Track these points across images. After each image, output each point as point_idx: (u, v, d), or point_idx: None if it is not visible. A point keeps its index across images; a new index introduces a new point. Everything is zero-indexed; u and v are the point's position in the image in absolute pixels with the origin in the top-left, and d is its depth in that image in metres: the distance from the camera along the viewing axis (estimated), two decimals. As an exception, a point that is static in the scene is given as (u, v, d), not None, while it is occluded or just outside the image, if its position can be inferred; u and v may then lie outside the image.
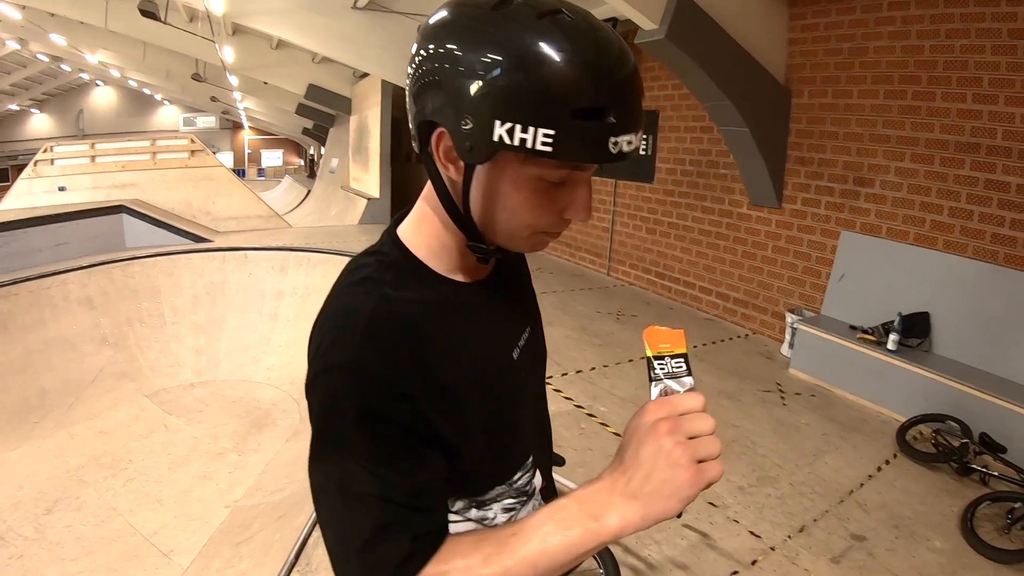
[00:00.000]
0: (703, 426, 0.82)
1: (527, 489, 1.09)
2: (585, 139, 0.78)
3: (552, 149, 0.76)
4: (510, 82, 0.76)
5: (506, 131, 0.76)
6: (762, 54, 6.08)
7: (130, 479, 5.67)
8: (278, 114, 27.06)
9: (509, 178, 0.85)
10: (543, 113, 0.76)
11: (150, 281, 8.25)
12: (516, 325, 1.10)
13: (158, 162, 12.50)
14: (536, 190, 0.86)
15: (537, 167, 0.83)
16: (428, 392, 0.85)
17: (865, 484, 4.04)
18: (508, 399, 1.03)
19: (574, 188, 0.88)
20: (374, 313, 0.86)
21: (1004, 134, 4.81)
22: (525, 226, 0.90)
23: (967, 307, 5.01)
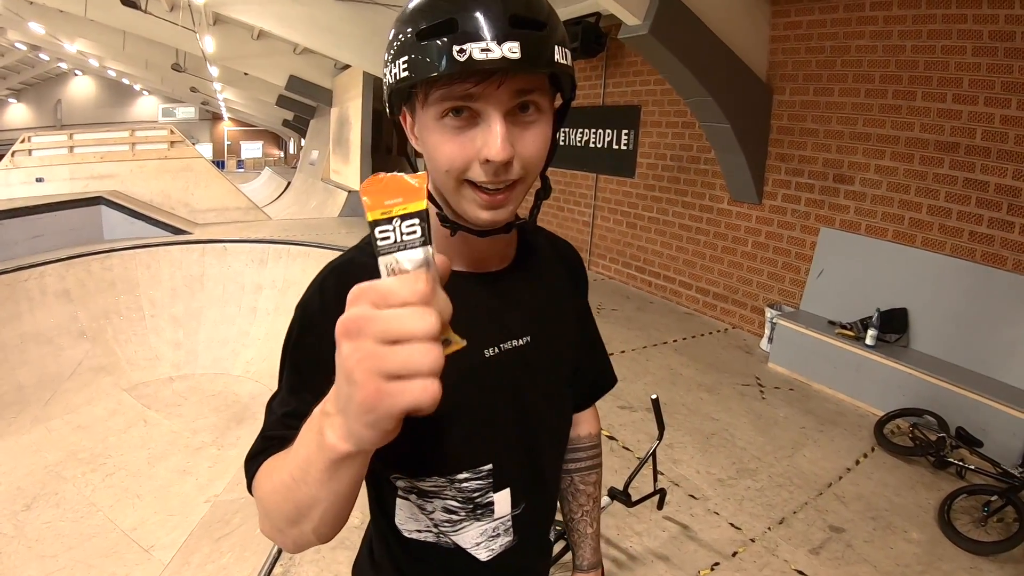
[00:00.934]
0: (409, 326, 0.56)
1: (477, 498, 1.04)
2: (431, 54, 0.80)
3: (409, 72, 0.82)
4: (393, 29, 0.86)
5: (388, 74, 0.87)
6: (744, 51, 6.11)
7: (109, 474, 5.63)
8: (258, 105, 26.85)
9: (423, 126, 0.88)
10: (399, 47, 0.84)
11: (128, 273, 8.18)
12: (504, 327, 1.05)
13: (137, 153, 12.38)
14: (442, 130, 0.86)
15: (433, 107, 0.85)
16: None
17: (843, 477, 4.08)
18: (461, 390, 0.94)
19: (486, 128, 0.85)
20: (336, 264, 0.99)
21: (983, 134, 4.87)
22: (444, 172, 0.88)
23: (944, 303, 5.07)
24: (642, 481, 2.65)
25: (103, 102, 38.25)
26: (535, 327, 1.09)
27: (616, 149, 8.61)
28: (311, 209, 15.61)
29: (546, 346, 1.11)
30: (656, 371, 5.61)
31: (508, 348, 1.04)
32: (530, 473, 1.12)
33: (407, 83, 0.83)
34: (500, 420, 1.05)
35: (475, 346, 0.97)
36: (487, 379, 1.02)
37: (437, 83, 0.83)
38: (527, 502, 1.11)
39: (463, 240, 0.97)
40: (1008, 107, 4.72)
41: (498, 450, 1.05)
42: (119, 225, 10.75)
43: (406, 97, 0.88)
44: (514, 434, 1.07)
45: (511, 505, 1.08)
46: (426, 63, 0.81)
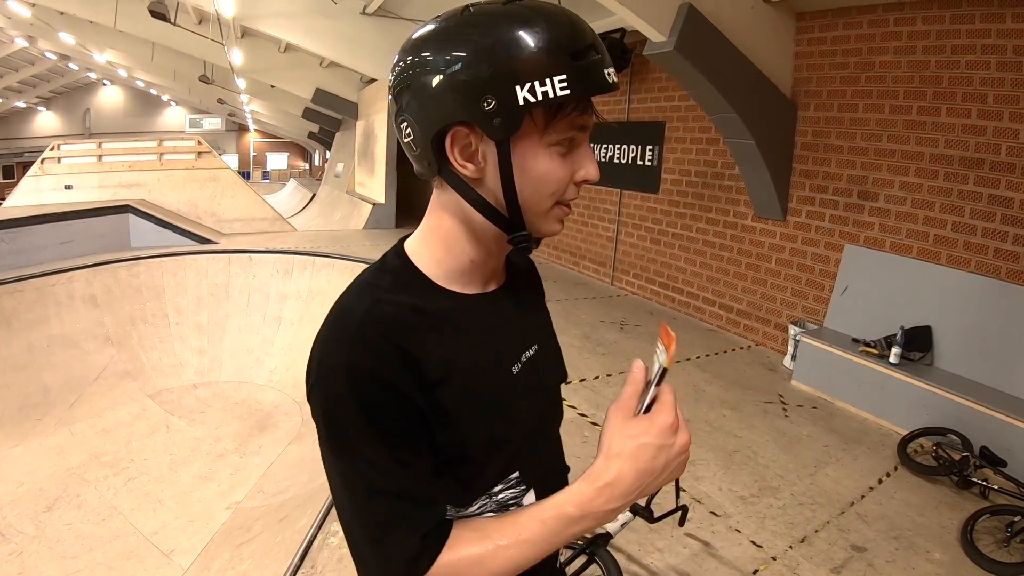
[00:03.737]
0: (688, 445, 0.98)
1: (511, 505, 1.06)
2: (589, 74, 0.88)
3: (570, 90, 0.86)
4: (516, 50, 0.85)
5: (527, 91, 0.85)
6: (769, 67, 6.11)
7: (131, 478, 5.69)
8: (284, 117, 27.12)
9: (530, 151, 0.91)
10: (552, 63, 0.85)
11: (154, 281, 8.28)
12: (520, 340, 1.11)
13: (164, 163, 12.55)
14: (554, 155, 0.93)
15: (552, 132, 0.91)
16: (417, 387, 0.89)
17: (866, 496, 4.05)
18: (500, 413, 1.02)
19: (581, 152, 0.96)
20: (366, 313, 0.91)
21: (1008, 150, 4.84)
22: (549, 196, 0.95)
23: (969, 321, 5.03)
24: (664, 497, 2.65)
25: (131, 112, 38.85)
26: (538, 334, 1.17)
27: (640, 165, 8.62)
28: (336, 221, 15.72)
29: (548, 349, 1.20)
30: (679, 387, 5.52)
31: (526, 360, 1.09)
32: (548, 467, 1.18)
33: (558, 100, 0.86)
34: (525, 429, 1.09)
35: (504, 365, 1.05)
36: (515, 394, 1.06)
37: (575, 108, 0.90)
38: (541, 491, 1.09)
39: (486, 262, 1.04)
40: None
41: (523, 456, 1.08)
42: (146, 233, 10.89)
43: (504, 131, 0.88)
44: (536, 439, 1.14)
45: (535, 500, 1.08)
46: (587, 81, 0.87)
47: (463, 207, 0.97)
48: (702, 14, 5.48)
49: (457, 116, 0.88)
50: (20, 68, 29.51)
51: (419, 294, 0.97)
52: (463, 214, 0.98)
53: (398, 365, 0.88)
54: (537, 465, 1.12)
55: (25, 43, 21.89)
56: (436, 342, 0.93)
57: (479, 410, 0.98)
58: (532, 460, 1.10)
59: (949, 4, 5.13)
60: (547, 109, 0.88)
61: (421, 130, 0.92)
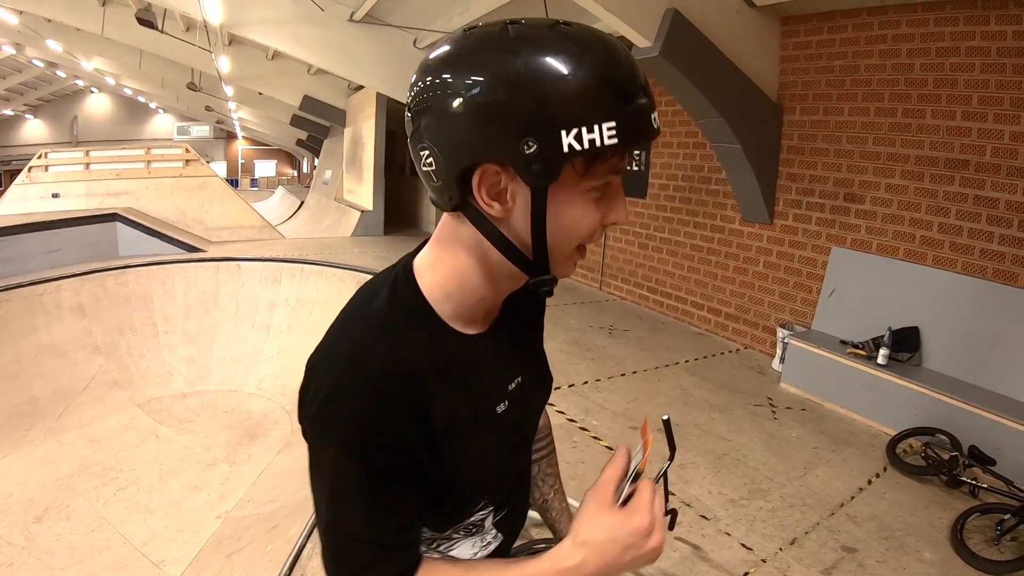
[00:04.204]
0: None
1: (476, 523, 1.09)
2: (637, 121, 0.81)
3: (618, 139, 0.79)
4: (564, 87, 0.77)
5: (573, 138, 0.77)
6: (754, 71, 6.15)
7: (121, 488, 5.65)
8: (272, 125, 27.09)
9: (564, 197, 0.84)
10: (602, 108, 0.78)
11: (143, 290, 8.24)
12: (507, 375, 1.07)
13: (152, 171, 12.51)
14: (587, 202, 0.87)
15: (592, 178, 0.84)
16: (425, 442, 0.89)
17: (856, 497, 4.06)
18: (489, 454, 1.02)
19: (613, 193, 0.90)
20: (385, 362, 0.87)
21: (993, 151, 4.88)
22: (577, 240, 0.90)
23: (956, 322, 5.07)
24: (653, 500, 2.65)
25: (119, 119, 38.73)
26: (524, 364, 1.13)
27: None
28: (324, 228, 15.68)
29: (534, 377, 1.17)
30: (668, 391, 5.61)
31: (510, 392, 1.07)
32: (512, 489, 1.16)
33: (604, 150, 0.79)
34: (503, 458, 1.08)
35: (491, 405, 1.02)
36: (499, 431, 1.05)
37: (616, 153, 0.83)
38: (509, 507, 1.15)
39: (494, 299, 1.00)
40: (1017, 123, 4.74)
41: (496, 482, 1.09)
42: (134, 241, 10.84)
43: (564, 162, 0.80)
44: (509, 464, 1.12)
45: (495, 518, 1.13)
46: (634, 130, 0.81)
47: (482, 244, 0.90)
48: (688, 19, 5.50)
49: (490, 155, 0.81)
50: (7, 76, 29.43)
51: (430, 334, 0.93)
52: (481, 251, 0.92)
53: (412, 423, 0.87)
54: (506, 489, 1.13)
55: (12, 50, 21.79)
56: (443, 391, 0.91)
57: (474, 454, 0.98)
58: (502, 485, 1.12)
59: (933, 7, 5.17)
60: (589, 156, 0.80)
61: (446, 163, 0.84)
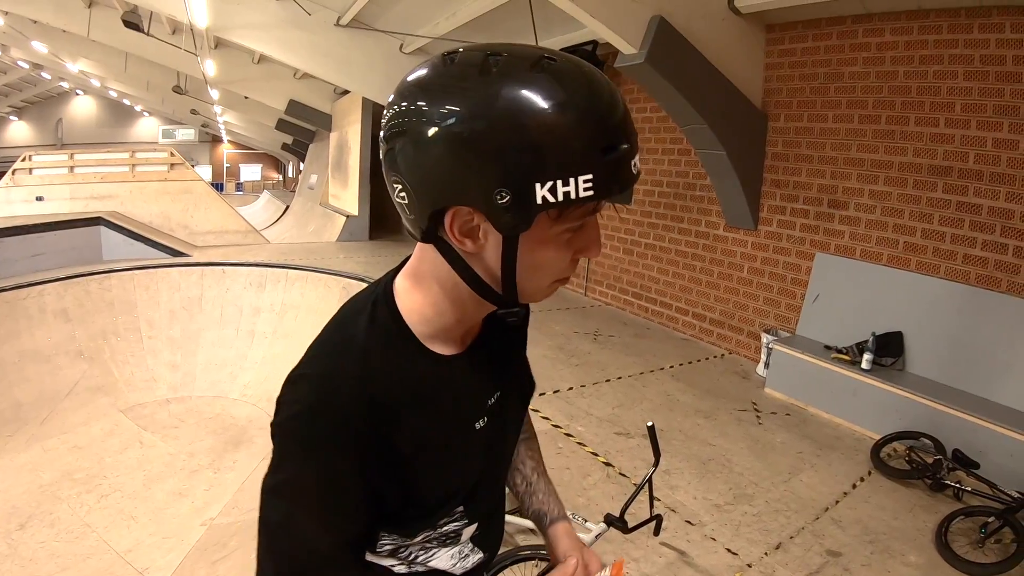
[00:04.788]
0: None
1: (451, 534, 1.09)
2: (615, 171, 0.80)
3: (594, 192, 0.78)
4: (541, 138, 0.76)
5: (548, 191, 0.77)
6: (739, 78, 6.18)
7: (104, 495, 5.60)
8: (258, 129, 26.99)
9: (537, 239, 0.84)
10: (580, 162, 0.77)
11: (127, 294, 8.17)
12: (485, 393, 1.09)
13: (137, 174, 12.44)
14: (562, 243, 0.87)
15: (565, 222, 0.84)
16: (387, 467, 0.91)
17: (840, 501, 4.09)
18: (459, 466, 1.04)
19: (588, 229, 0.89)
20: (352, 396, 0.88)
21: (975, 158, 4.93)
22: (551, 277, 0.91)
23: (939, 326, 5.11)
24: (639, 507, 2.65)
25: (104, 122, 38.47)
26: (503, 379, 1.14)
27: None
28: (309, 233, 15.64)
29: (512, 390, 1.18)
30: (653, 397, 5.63)
31: (489, 407, 1.08)
32: (490, 501, 1.17)
33: (580, 201, 0.78)
34: (478, 471, 1.09)
35: (469, 424, 1.04)
36: (476, 446, 1.06)
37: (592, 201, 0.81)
38: (486, 520, 1.15)
39: (471, 320, 1.02)
40: (1000, 130, 4.79)
41: (472, 495, 1.08)
42: (118, 246, 10.78)
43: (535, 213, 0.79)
44: (487, 477, 1.13)
45: (476, 531, 1.13)
46: (611, 181, 0.80)
47: (452, 275, 0.91)
48: (673, 26, 5.53)
49: (463, 199, 0.81)
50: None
51: (406, 357, 0.95)
52: (452, 282, 0.93)
53: (373, 453, 0.89)
54: (483, 501, 1.13)
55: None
56: (412, 418, 0.93)
57: (441, 472, 0.99)
58: (479, 497, 1.11)
59: (917, 16, 5.22)
60: (562, 206, 0.79)
61: (419, 201, 0.84)
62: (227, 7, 9.93)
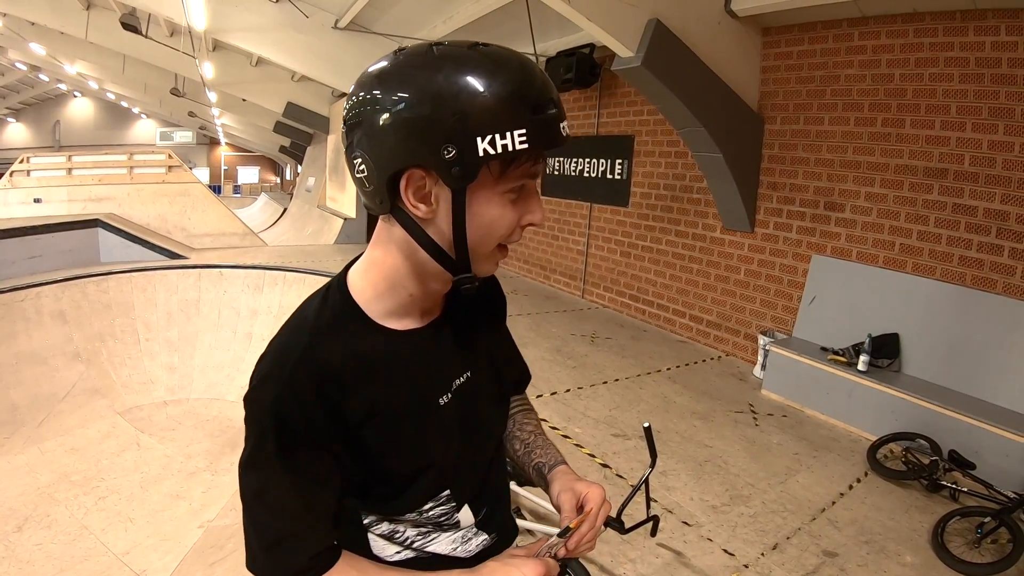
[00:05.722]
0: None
1: (443, 521, 1.15)
2: (545, 128, 0.91)
3: (528, 144, 0.88)
4: (480, 100, 0.87)
5: (488, 143, 0.87)
6: (736, 81, 6.20)
7: (102, 497, 5.59)
8: (255, 131, 26.97)
9: (483, 198, 0.93)
10: (513, 117, 0.88)
11: (124, 296, 8.17)
12: (451, 370, 1.15)
13: (135, 176, 12.44)
14: (504, 203, 0.96)
15: (507, 181, 0.93)
16: (341, 437, 1.00)
17: (836, 502, 4.10)
18: (422, 445, 1.09)
19: (529, 196, 0.99)
20: (300, 360, 0.98)
21: (971, 160, 4.95)
22: (496, 239, 0.98)
23: (936, 328, 5.13)
24: (635, 508, 2.66)
25: (101, 124, 38.42)
26: (473, 360, 1.20)
27: (610, 178, 8.71)
28: (307, 236, 15.63)
29: (485, 372, 1.24)
30: (650, 399, 5.64)
31: (457, 387, 1.14)
32: (481, 484, 1.23)
33: (515, 154, 0.88)
34: (454, 452, 1.14)
35: (431, 399, 1.11)
36: (444, 422, 1.12)
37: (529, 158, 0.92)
38: (487, 507, 1.23)
39: (425, 297, 1.08)
40: (995, 132, 4.81)
41: (454, 476, 1.15)
42: (116, 248, 10.78)
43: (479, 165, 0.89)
44: (466, 459, 1.18)
45: (473, 516, 1.19)
46: (544, 136, 0.90)
47: (410, 244, 0.99)
48: (669, 29, 5.55)
49: (415, 160, 0.90)
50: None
51: (354, 334, 1.03)
52: (409, 250, 1.01)
53: (319, 412, 0.97)
54: (469, 483, 1.19)
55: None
56: (361, 387, 1.00)
57: (400, 444, 1.05)
58: (463, 479, 1.17)
59: (912, 18, 5.24)
60: (503, 160, 0.89)
61: (376, 168, 0.93)
62: (225, 10, 9.95)
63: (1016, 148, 4.73)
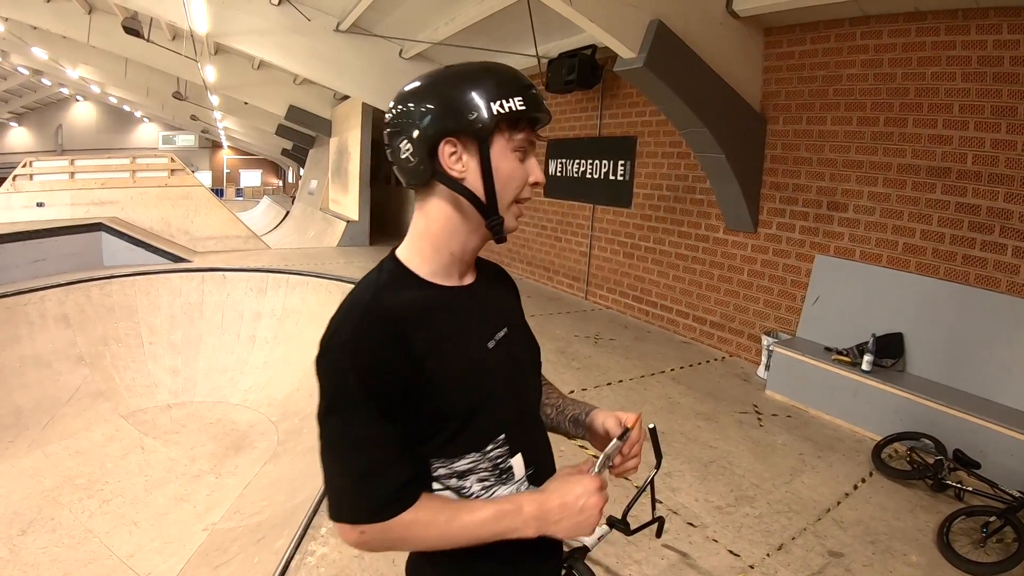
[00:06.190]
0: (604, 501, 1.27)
1: (501, 464, 1.30)
2: (535, 99, 1.24)
3: (525, 107, 1.21)
4: (490, 82, 1.21)
5: (498, 106, 1.19)
6: (738, 82, 6.20)
7: (106, 500, 5.61)
8: (258, 134, 27.03)
9: (500, 153, 1.23)
10: (512, 90, 1.21)
11: (128, 300, 8.20)
12: (491, 323, 1.36)
13: (137, 180, 12.44)
14: (514, 160, 1.25)
15: (513, 140, 1.24)
16: (410, 369, 1.15)
17: (842, 502, 4.09)
18: (479, 380, 1.27)
19: (531, 161, 1.29)
20: (368, 305, 1.18)
21: (974, 159, 4.94)
22: (512, 190, 1.26)
23: (939, 327, 5.12)
24: (640, 510, 2.65)
25: (104, 128, 38.53)
26: (506, 320, 1.42)
27: (613, 180, 8.71)
28: (310, 238, 15.65)
29: (518, 332, 1.46)
30: (654, 400, 5.63)
31: (499, 339, 1.35)
32: (530, 435, 1.42)
33: (517, 114, 1.20)
34: (505, 396, 1.33)
35: (480, 342, 1.31)
36: (492, 364, 1.31)
37: (528, 122, 1.25)
38: (536, 463, 1.38)
39: (462, 257, 1.32)
40: (998, 131, 4.80)
41: (508, 420, 1.32)
42: (119, 252, 10.79)
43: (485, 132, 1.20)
44: (515, 406, 1.37)
45: (524, 467, 1.35)
46: (534, 103, 1.23)
47: (449, 205, 1.26)
48: (671, 30, 5.55)
49: (449, 131, 1.19)
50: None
51: (411, 288, 1.24)
52: (448, 212, 1.27)
53: (392, 345, 1.13)
54: (521, 431, 1.36)
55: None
56: (423, 325, 1.19)
57: (459, 376, 1.23)
58: (515, 425, 1.34)
59: (914, 17, 5.24)
60: (509, 122, 1.21)
61: (420, 145, 1.21)
62: (227, 13, 9.96)
63: (1019, 146, 4.72)
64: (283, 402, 7.26)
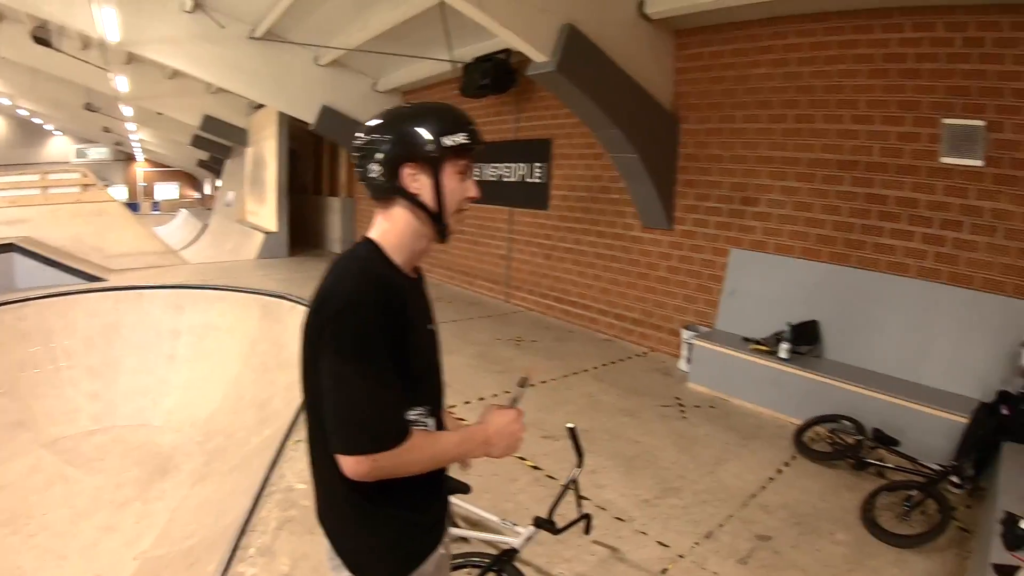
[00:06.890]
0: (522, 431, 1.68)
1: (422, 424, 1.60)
2: (475, 133, 1.56)
3: (468, 141, 1.54)
4: (444, 120, 1.53)
5: (449, 140, 1.51)
6: (650, 83, 6.32)
7: (31, 535, 5.40)
8: (173, 146, 26.35)
9: (447, 175, 1.54)
10: (458, 127, 1.54)
11: (43, 323, 7.88)
12: (427, 313, 1.69)
13: (49, 196, 11.93)
14: (457, 180, 1.56)
15: (457, 165, 1.55)
16: (401, 331, 1.46)
17: (766, 487, 4.21)
18: (425, 355, 1.64)
19: (469, 179, 1.61)
20: (379, 276, 1.49)
21: (880, 151, 5.17)
22: (456, 203, 1.57)
23: (852, 313, 5.33)
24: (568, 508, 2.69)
25: (14, 142, 36.80)
26: (431, 315, 1.73)
27: (529, 182, 8.80)
28: (228, 251, 15.24)
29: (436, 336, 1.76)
30: (577, 399, 5.69)
31: (430, 328, 1.70)
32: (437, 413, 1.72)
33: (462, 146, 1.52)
34: (434, 374, 1.73)
35: (425, 324, 1.66)
36: (432, 343, 1.71)
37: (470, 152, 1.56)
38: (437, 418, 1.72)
39: (417, 257, 1.63)
40: (902, 124, 5.04)
41: (433, 394, 1.71)
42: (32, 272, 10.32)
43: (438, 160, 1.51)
44: (438, 384, 1.75)
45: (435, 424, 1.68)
46: (476, 138, 1.56)
47: (408, 214, 1.55)
48: (584, 34, 5.63)
49: (410, 158, 1.51)
50: None
51: (391, 271, 1.54)
52: (408, 218, 1.56)
53: (400, 307, 1.47)
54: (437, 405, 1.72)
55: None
56: (406, 299, 1.51)
57: (419, 347, 1.57)
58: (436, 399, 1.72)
59: (820, 18, 5.45)
60: (456, 152, 1.53)
61: (387, 168, 1.51)
62: (139, 21, 9.69)
63: (923, 139, 4.95)
64: (206, 421, 7.06)
